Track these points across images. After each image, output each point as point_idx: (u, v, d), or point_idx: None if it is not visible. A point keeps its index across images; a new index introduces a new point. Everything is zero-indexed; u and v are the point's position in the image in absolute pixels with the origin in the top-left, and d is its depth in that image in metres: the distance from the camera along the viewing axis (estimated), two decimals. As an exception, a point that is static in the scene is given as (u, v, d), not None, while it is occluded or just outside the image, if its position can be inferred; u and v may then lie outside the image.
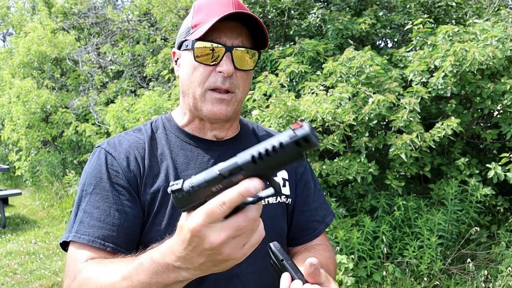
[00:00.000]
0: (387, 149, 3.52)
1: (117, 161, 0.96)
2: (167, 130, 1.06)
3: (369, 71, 3.52)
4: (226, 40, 0.94)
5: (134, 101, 5.39)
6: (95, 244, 0.87)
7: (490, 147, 3.96)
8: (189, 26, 0.99)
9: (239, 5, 0.96)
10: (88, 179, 0.96)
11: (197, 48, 0.94)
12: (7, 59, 9.13)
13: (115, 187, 0.93)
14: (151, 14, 7.08)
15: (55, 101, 7.50)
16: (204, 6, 0.98)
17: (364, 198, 3.77)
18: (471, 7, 5.05)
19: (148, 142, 1.02)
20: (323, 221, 1.14)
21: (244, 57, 0.96)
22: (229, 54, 0.93)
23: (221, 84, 0.94)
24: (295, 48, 4.28)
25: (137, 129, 1.07)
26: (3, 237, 5.38)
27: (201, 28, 0.94)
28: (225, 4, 0.95)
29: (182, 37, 1.00)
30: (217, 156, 1.03)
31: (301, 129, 0.55)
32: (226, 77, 0.94)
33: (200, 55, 0.94)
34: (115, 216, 0.90)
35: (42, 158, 7.68)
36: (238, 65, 0.95)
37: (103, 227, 0.89)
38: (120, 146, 1.00)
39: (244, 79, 0.98)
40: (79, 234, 0.89)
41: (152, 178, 0.97)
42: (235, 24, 0.94)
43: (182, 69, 1.01)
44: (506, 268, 3.15)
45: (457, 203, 3.47)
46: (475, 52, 3.25)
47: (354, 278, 3.26)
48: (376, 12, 4.70)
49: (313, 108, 3.28)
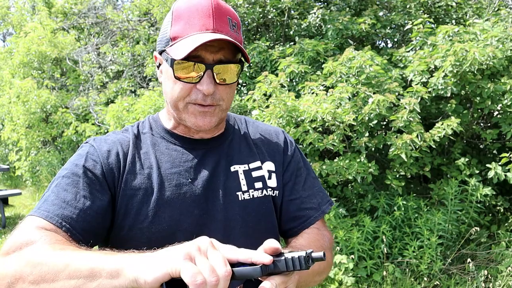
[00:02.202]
0: (387, 149, 3.52)
1: (97, 152, 0.97)
2: (153, 131, 1.06)
3: (369, 71, 3.52)
4: (206, 55, 0.90)
5: (134, 101, 5.38)
6: (52, 221, 0.85)
7: (490, 147, 3.96)
8: (168, 36, 0.94)
9: (219, 13, 0.92)
10: (66, 165, 0.97)
11: (177, 65, 0.91)
12: (7, 59, 9.13)
13: (88, 174, 0.93)
14: (151, 14, 7.08)
15: (55, 101, 7.50)
16: (183, 14, 0.92)
17: (364, 198, 3.77)
18: (471, 7, 5.05)
19: (133, 141, 1.02)
20: (318, 208, 1.09)
21: (226, 72, 0.93)
22: (210, 72, 0.90)
23: (202, 101, 0.93)
24: (295, 48, 4.28)
25: (125, 129, 1.07)
26: (3, 237, 5.38)
27: (180, 46, 0.90)
28: (204, 14, 0.91)
29: (162, 45, 0.97)
30: (202, 154, 1.03)
31: (314, 257, 0.69)
32: (206, 95, 0.92)
33: (180, 73, 0.91)
34: (80, 201, 0.89)
35: (42, 158, 7.68)
36: (220, 81, 0.92)
37: (64, 207, 0.88)
38: (105, 141, 1.01)
39: (228, 92, 0.96)
40: (40, 210, 0.87)
41: (133, 174, 0.97)
42: None
43: (163, 78, 0.99)
44: (506, 268, 3.15)
45: (457, 203, 3.47)
46: (475, 52, 3.25)
47: (354, 278, 3.26)
48: (376, 12, 4.71)
49: (313, 108, 3.28)
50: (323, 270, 1.01)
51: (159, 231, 0.94)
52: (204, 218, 0.97)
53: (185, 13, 0.92)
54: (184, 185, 0.98)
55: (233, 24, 0.95)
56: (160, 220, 0.94)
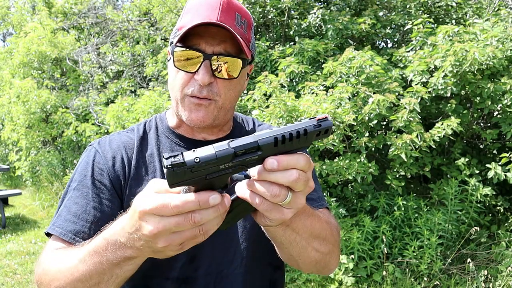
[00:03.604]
0: (387, 149, 3.52)
1: (103, 160, 0.98)
2: (158, 131, 1.06)
3: (369, 71, 3.52)
4: (206, 46, 0.89)
5: (134, 101, 5.38)
6: (66, 238, 0.90)
7: (490, 147, 3.96)
8: (176, 27, 0.96)
9: (227, 8, 0.91)
10: (75, 175, 0.99)
11: (176, 53, 0.91)
12: (7, 59, 9.13)
13: (96, 184, 0.95)
14: (151, 14, 7.08)
15: (55, 101, 7.50)
16: (193, 7, 0.93)
17: (364, 198, 3.77)
18: (471, 7, 5.05)
19: (138, 143, 1.02)
20: (318, 200, 1.04)
21: (228, 65, 0.91)
22: (208, 62, 0.89)
23: (197, 93, 0.91)
24: (295, 48, 4.28)
25: (131, 129, 1.07)
26: (3, 237, 5.38)
27: (181, 34, 0.90)
28: (212, 6, 0.90)
29: (171, 37, 0.98)
30: None
31: (326, 121, 0.60)
32: (202, 86, 0.90)
33: (179, 60, 0.91)
34: (91, 213, 0.92)
35: (42, 158, 7.67)
36: (218, 73, 0.91)
37: (77, 222, 0.91)
38: (109, 145, 1.01)
39: (227, 87, 0.93)
40: (54, 226, 0.92)
41: (137, 180, 0.98)
42: (218, 29, 0.89)
43: (168, 71, 0.99)
44: (506, 268, 3.15)
45: (457, 203, 3.47)
46: (475, 52, 3.25)
47: (354, 278, 3.26)
48: (376, 12, 4.71)
49: (313, 108, 3.28)
50: (324, 237, 0.88)
51: None
52: None
53: (195, 6, 0.93)
54: None
55: (242, 21, 0.94)
56: None
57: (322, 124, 0.60)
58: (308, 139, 0.60)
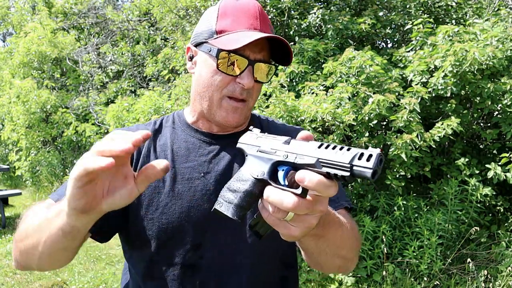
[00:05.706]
0: (387, 149, 3.52)
1: None
2: (175, 124, 1.11)
3: (369, 71, 3.52)
4: (250, 53, 0.96)
5: (134, 101, 5.38)
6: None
7: (490, 147, 3.96)
8: (213, 29, 0.99)
9: (263, 17, 1.00)
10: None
11: (222, 57, 0.96)
12: (7, 59, 9.14)
13: None
14: (151, 14, 7.09)
15: (55, 101, 7.51)
16: (230, 12, 0.99)
17: (364, 198, 3.77)
18: (471, 7, 5.05)
19: (153, 133, 1.07)
20: (336, 200, 1.04)
21: (262, 71, 1.00)
22: (251, 67, 0.97)
23: (239, 95, 0.99)
24: (295, 48, 4.28)
25: (149, 123, 1.13)
26: (3, 237, 5.38)
27: (228, 39, 0.95)
28: (252, 15, 0.98)
29: (203, 37, 1.01)
30: (219, 149, 1.06)
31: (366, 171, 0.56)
32: (243, 89, 0.98)
33: (223, 64, 0.96)
34: None
35: (42, 158, 7.68)
36: (258, 78, 0.99)
37: None
38: (125, 131, 1.03)
39: (258, 90, 1.04)
40: (54, 193, 0.98)
41: None
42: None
43: (199, 69, 1.03)
44: (506, 268, 3.15)
45: (457, 203, 3.47)
46: (475, 52, 3.25)
47: (354, 278, 3.26)
48: (376, 12, 4.70)
49: (313, 108, 3.28)
50: (350, 246, 0.91)
51: (169, 222, 0.98)
52: (213, 212, 0.98)
53: (232, 11, 0.99)
54: (196, 179, 1.01)
55: (272, 29, 1.04)
56: (170, 212, 0.98)
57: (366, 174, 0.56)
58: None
